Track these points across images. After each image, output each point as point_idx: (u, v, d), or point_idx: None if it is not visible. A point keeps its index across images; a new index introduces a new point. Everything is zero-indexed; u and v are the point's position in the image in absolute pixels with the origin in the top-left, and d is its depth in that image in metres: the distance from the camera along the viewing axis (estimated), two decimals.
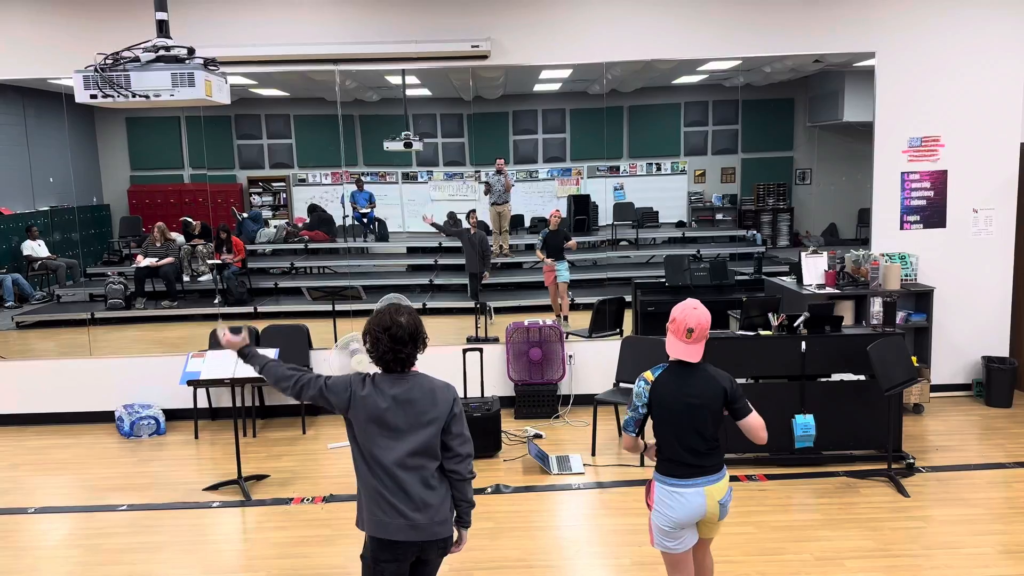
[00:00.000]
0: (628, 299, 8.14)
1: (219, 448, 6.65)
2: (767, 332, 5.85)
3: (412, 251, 11.52)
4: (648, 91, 10.55)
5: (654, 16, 7.04)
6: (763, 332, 5.85)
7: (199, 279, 10.07)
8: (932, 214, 7.28)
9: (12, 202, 9.24)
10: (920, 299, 7.14)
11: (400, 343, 3.04)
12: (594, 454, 6.21)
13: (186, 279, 10.00)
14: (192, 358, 5.72)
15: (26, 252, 9.37)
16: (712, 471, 3.36)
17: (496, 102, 10.81)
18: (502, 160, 10.35)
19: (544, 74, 9.32)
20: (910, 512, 5.09)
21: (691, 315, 3.31)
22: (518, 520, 5.14)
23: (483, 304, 8.63)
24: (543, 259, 8.94)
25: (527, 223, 11.30)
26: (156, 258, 9.63)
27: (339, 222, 11.31)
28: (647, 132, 11.09)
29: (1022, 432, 6.49)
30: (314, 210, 11.41)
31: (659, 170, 11.14)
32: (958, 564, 4.44)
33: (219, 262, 9.74)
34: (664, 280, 8.10)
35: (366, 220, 11.29)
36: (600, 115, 9.38)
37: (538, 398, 7.15)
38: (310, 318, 7.80)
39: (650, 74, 9.19)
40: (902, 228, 7.30)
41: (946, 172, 7.21)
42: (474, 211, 9.39)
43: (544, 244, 8.95)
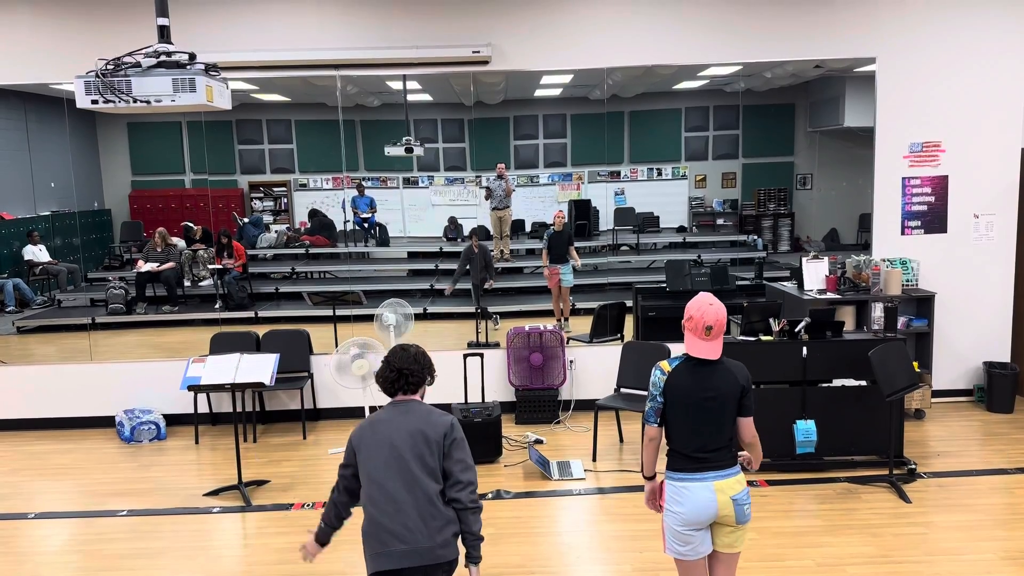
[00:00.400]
0: (629, 304, 8.14)
1: (219, 453, 6.64)
2: (768, 337, 5.85)
3: (413, 256, 11.52)
4: (649, 96, 10.56)
5: (655, 22, 7.06)
6: (764, 337, 5.85)
7: (200, 284, 10.07)
8: (933, 219, 7.28)
9: (13, 207, 9.25)
10: (921, 304, 7.13)
11: (391, 370, 3.23)
12: (595, 459, 6.21)
13: (187, 284, 10.01)
14: (193, 363, 5.72)
15: (27, 257, 9.37)
16: (723, 466, 3.28)
17: (497, 107, 10.82)
18: (503, 165, 10.36)
19: (545, 79, 9.33)
20: (912, 518, 5.08)
21: (708, 312, 3.27)
22: (519, 526, 5.13)
23: (484, 309, 8.63)
24: (546, 263, 8.95)
25: (528, 228, 11.30)
26: (157, 263, 9.63)
27: (340, 227, 11.31)
28: (648, 137, 11.09)
29: (1023, 438, 6.49)
30: (315, 215, 11.41)
31: (660, 175, 11.14)
32: (960, 570, 4.43)
33: (220, 267, 9.74)
34: (665, 285, 8.09)
35: (367, 225, 11.29)
36: (601, 120, 9.39)
37: (539, 403, 7.14)
38: (311, 323, 7.80)
39: (651, 79, 9.21)
40: (903, 233, 7.30)
41: (947, 177, 7.22)
42: (475, 232, 9.40)
43: (548, 246, 8.96)
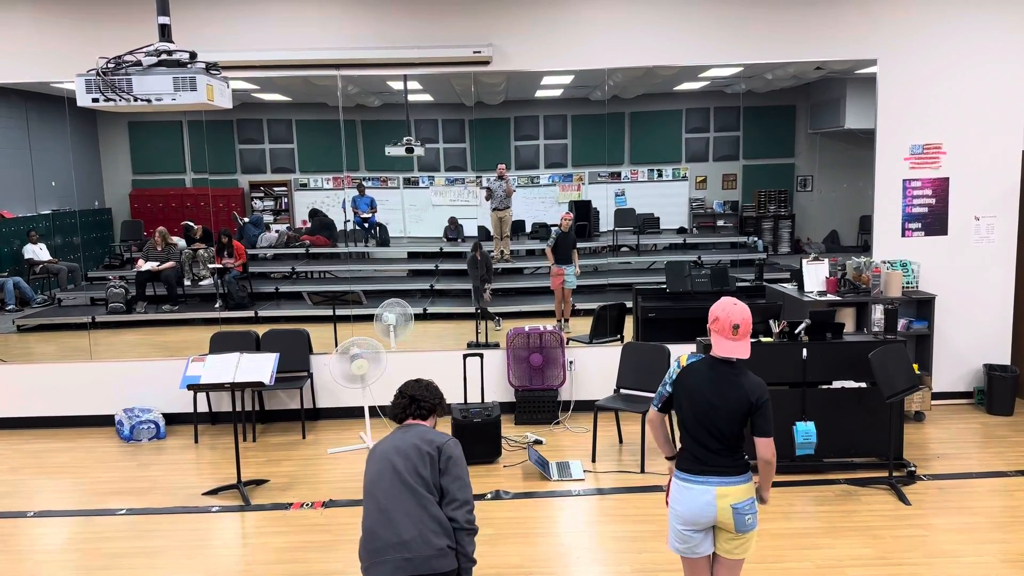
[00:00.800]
0: (629, 305, 8.13)
1: (219, 452, 6.64)
2: (768, 339, 5.84)
3: (413, 256, 11.52)
4: (649, 97, 10.55)
5: (656, 23, 7.06)
6: (764, 339, 5.84)
7: (200, 283, 10.07)
8: (934, 221, 7.28)
9: (14, 205, 9.25)
10: (921, 306, 7.13)
11: (403, 397, 3.45)
12: (594, 460, 6.20)
13: (187, 283, 10.00)
14: (192, 362, 5.72)
15: (27, 256, 9.37)
16: (729, 472, 3.26)
17: (498, 108, 10.81)
18: (503, 166, 10.36)
19: (546, 80, 9.33)
20: (911, 520, 5.07)
21: (734, 311, 3.28)
22: (518, 526, 5.12)
23: (484, 309, 8.63)
24: (552, 262, 8.96)
25: (528, 228, 11.29)
26: (157, 262, 9.63)
27: (340, 227, 11.31)
28: (648, 138, 11.08)
29: (1023, 440, 6.47)
30: (315, 215, 11.41)
31: (660, 176, 11.14)
32: (959, 573, 4.42)
33: (220, 266, 9.74)
34: (665, 286, 8.09)
35: (367, 225, 11.29)
36: (602, 121, 9.38)
37: (538, 404, 7.14)
38: (311, 323, 7.80)
39: (652, 80, 9.21)
40: (903, 235, 7.30)
41: (948, 179, 7.21)
42: (479, 244, 9.39)
43: (555, 246, 8.97)
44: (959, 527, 4.97)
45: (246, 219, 11.22)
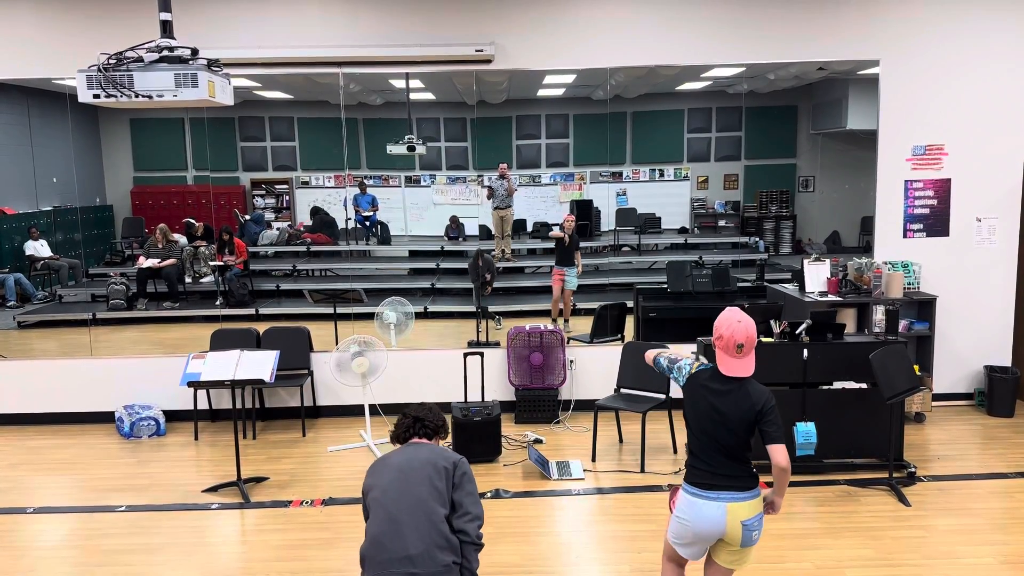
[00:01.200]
0: (630, 304, 8.13)
1: (219, 450, 6.64)
2: (769, 339, 5.84)
3: (414, 255, 11.52)
4: (651, 97, 10.55)
5: (658, 22, 7.05)
6: (765, 339, 5.84)
7: (201, 281, 10.07)
8: (935, 223, 7.27)
9: (15, 202, 9.25)
10: (923, 307, 7.12)
11: (407, 417, 3.49)
12: (594, 460, 6.20)
13: (188, 280, 10.01)
14: (193, 359, 5.72)
15: (28, 252, 9.38)
16: (739, 488, 3.24)
17: (500, 107, 10.81)
18: (505, 165, 10.35)
19: (548, 79, 9.33)
20: (911, 521, 5.07)
21: (739, 330, 3.24)
22: (517, 525, 5.12)
23: (485, 308, 8.63)
24: (557, 234, 8.97)
25: (529, 228, 11.29)
26: (158, 259, 9.63)
27: (342, 225, 11.31)
28: (650, 138, 11.08)
29: (1023, 442, 6.48)
30: (317, 213, 11.42)
31: (662, 176, 11.14)
32: (959, 574, 4.42)
33: (221, 264, 9.75)
34: (666, 286, 8.09)
35: (368, 223, 11.29)
36: (603, 120, 9.38)
37: (539, 403, 7.14)
38: (311, 320, 7.79)
39: (654, 80, 9.20)
40: (905, 236, 7.29)
41: (950, 181, 7.21)
42: (480, 252, 9.39)
43: (557, 247, 8.98)
44: (959, 528, 4.96)
45: (247, 216, 11.22)
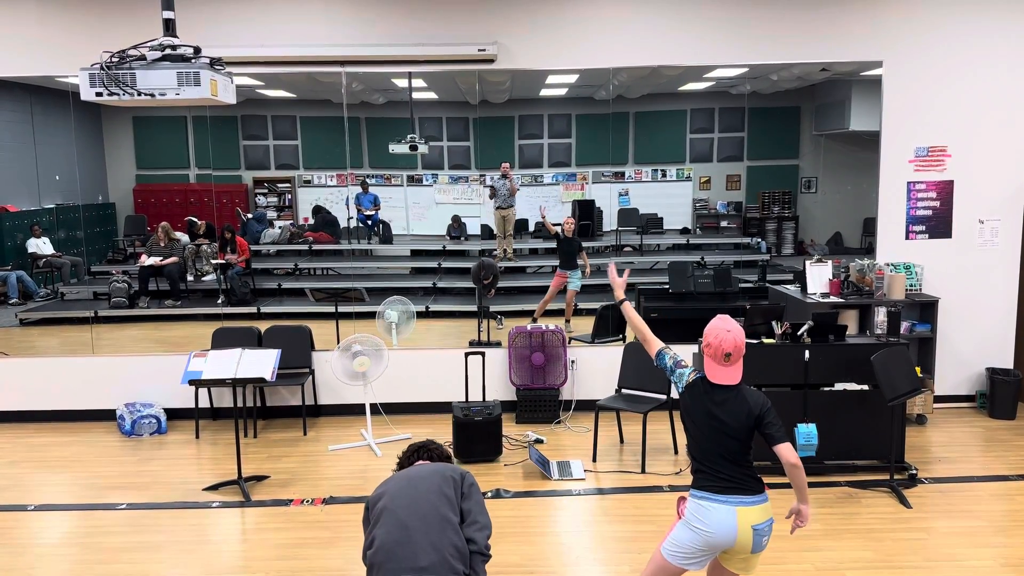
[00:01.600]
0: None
1: (220, 448, 6.64)
2: (770, 340, 5.83)
3: (416, 254, 11.52)
4: (654, 97, 10.54)
5: (661, 22, 7.04)
6: (767, 340, 5.83)
7: (203, 279, 10.08)
8: (938, 224, 7.26)
9: (18, 199, 9.26)
10: (925, 309, 7.11)
11: (414, 446, 3.50)
12: (595, 460, 6.20)
13: (190, 279, 10.02)
14: (194, 358, 5.72)
15: (31, 249, 9.40)
16: (748, 492, 3.23)
17: (502, 106, 10.82)
18: (507, 164, 10.35)
19: (550, 79, 9.33)
20: (912, 523, 5.06)
21: (727, 339, 3.25)
22: (518, 525, 5.12)
23: (486, 308, 8.63)
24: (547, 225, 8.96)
25: (531, 227, 11.29)
26: (160, 257, 9.64)
27: (343, 224, 11.32)
28: (653, 138, 11.08)
29: None
30: (319, 211, 11.42)
31: (664, 176, 11.14)
32: None
33: (223, 262, 9.75)
34: (668, 287, 8.08)
35: (370, 222, 11.29)
36: (606, 121, 9.39)
37: (540, 403, 7.13)
38: (313, 319, 7.80)
39: (656, 80, 9.20)
40: (907, 238, 7.28)
41: (952, 182, 7.19)
42: (483, 260, 9.39)
43: (557, 251, 8.97)
44: (960, 531, 4.96)
45: (249, 215, 11.24)
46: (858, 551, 4.69)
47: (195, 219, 10.48)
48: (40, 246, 9.43)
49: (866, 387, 5.74)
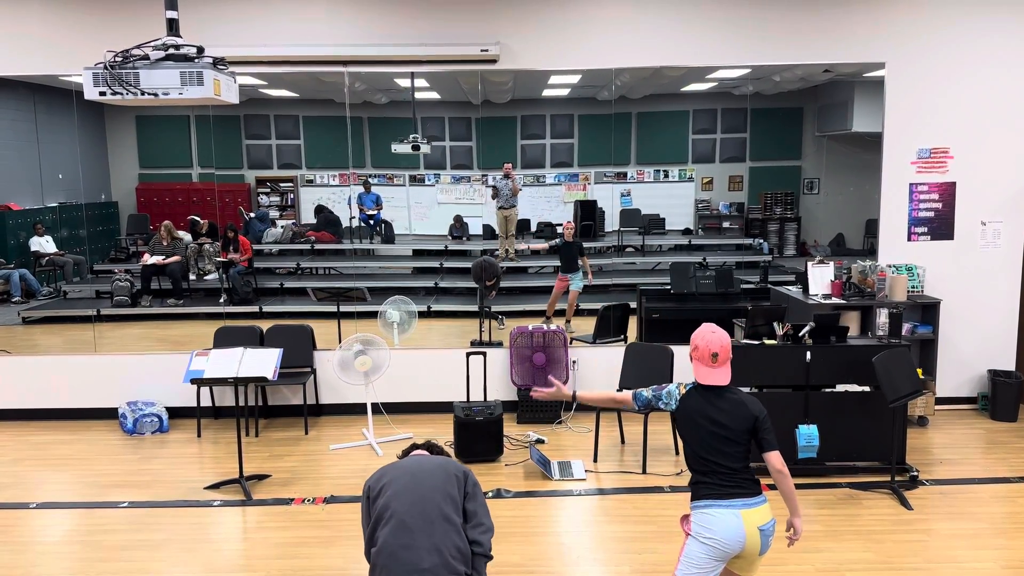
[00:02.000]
0: (633, 305, 8.13)
1: (221, 447, 6.65)
2: (772, 341, 5.83)
3: (418, 254, 11.53)
4: (656, 98, 10.54)
5: (664, 23, 7.05)
6: (768, 341, 5.84)
7: (205, 278, 10.09)
8: (940, 226, 7.25)
9: (21, 198, 9.28)
10: (926, 311, 7.11)
11: (415, 444, 3.51)
12: (596, 460, 6.20)
13: (192, 278, 10.03)
14: (196, 356, 5.73)
15: (33, 248, 9.41)
16: (749, 494, 3.25)
17: (504, 106, 10.81)
18: (510, 164, 10.35)
19: (553, 79, 9.33)
20: (913, 525, 5.06)
21: (712, 339, 3.34)
22: (518, 525, 5.12)
23: (488, 308, 8.63)
24: (538, 248, 8.96)
25: (533, 227, 11.29)
26: (163, 256, 9.65)
27: (346, 223, 11.32)
28: (655, 139, 11.07)
29: None
30: (321, 211, 11.43)
31: (666, 177, 11.13)
32: None
33: (225, 261, 9.76)
34: (670, 287, 8.07)
35: (372, 222, 11.30)
36: (608, 121, 9.38)
37: (541, 403, 7.13)
38: (315, 319, 7.81)
39: (659, 81, 9.20)
40: (909, 239, 7.28)
41: (954, 184, 7.19)
42: (484, 259, 9.40)
43: (558, 256, 8.98)
44: (961, 533, 4.96)
45: (252, 214, 11.24)
46: (859, 552, 4.69)
47: (198, 218, 10.49)
48: (43, 244, 9.44)
49: (867, 388, 5.74)
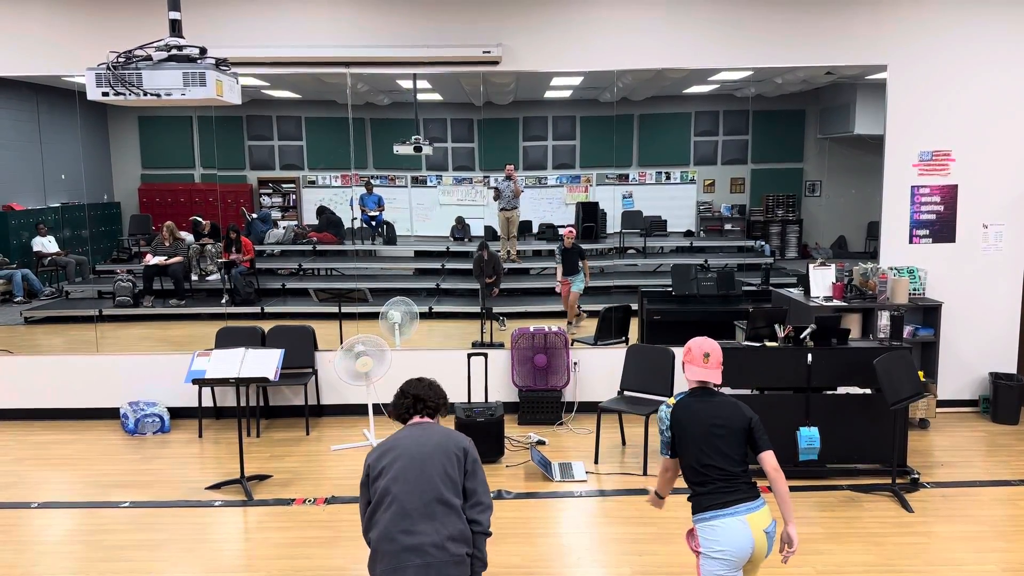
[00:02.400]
0: (634, 307, 8.13)
1: (222, 447, 6.66)
2: (773, 343, 5.83)
3: (420, 255, 11.54)
4: (659, 100, 10.54)
5: (666, 25, 7.05)
6: (769, 343, 5.83)
7: (207, 278, 10.11)
8: (941, 228, 7.25)
9: (24, 198, 9.29)
10: (928, 314, 7.11)
11: (407, 396, 3.36)
12: (597, 462, 6.20)
13: (194, 278, 10.04)
14: (198, 357, 5.74)
15: (36, 248, 9.42)
16: (750, 498, 3.27)
17: (507, 108, 10.82)
18: (512, 166, 10.36)
19: (555, 81, 9.33)
20: (914, 527, 5.06)
21: (704, 343, 3.49)
22: (519, 526, 5.13)
23: (489, 309, 8.64)
24: (560, 279, 9.04)
25: (535, 229, 11.30)
26: (165, 257, 9.66)
27: (348, 224, 11.34)
28: (657, 141, 11.08)
29: None
30: (323, 212, 11.44)
31: (668, 179, 11.13)
32: None
33: (227, 261, 9.78)
34: (671, 289, 8.07)
35: (375, 223, 11.31)
36: (610, 123, 9.39)
37: (542, 404, 7.14)
38: (316, 319, 7.81)
39: (661, 83, 9.20)
40: (911, 242, 7.28)
41: (956, 187, 7.19)
42: (486, 246, 9.44)
43: (560, 261, 9.05)
44: (962, 535, 4.95)
45: (254, 215, 11.26)
46: (860, 555, 4.69)
47: (200, 219, 10.50)
48: (45, 244, 9.46)
49: (869, 391, 5.74)
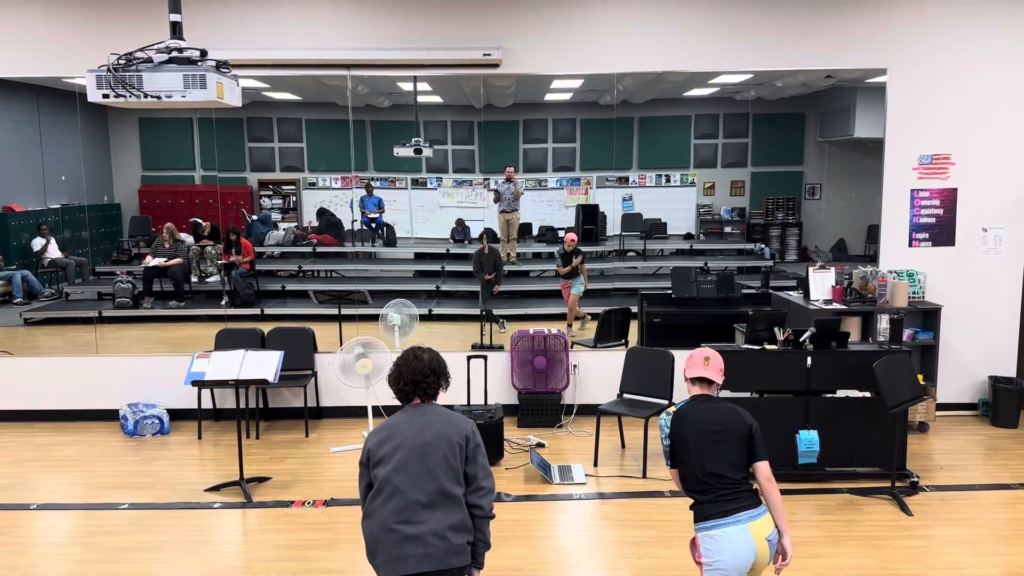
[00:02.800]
0: (634, 310, 8.13)
1: (222, 449, 6.66)
2: (773, 346, 5.83)
3: (420, 257, 11.54)
4: (659, 103, 10.56)
5: (666, 28, 7.06)
6: (769, 346, 5.84)
7: (207, 280, 10.11)
8: (941, 232, 7.26)
9: (24, 199, 9.30)
10: (927, 317, 7.11)
11: (406, 382, 3.21)
12: (596, 464, 6.20)
13: (194, 280, 10.04)
14: (197, 359, 5.73)
15: (36, 249, 9.43)
16: (750, 506, 3.26)
17: (507, 110, 10.83)
18: (512, 168, 10.37)
19: (555, 84, 9.34)
20: (913, 531, 5.06)
21: (704, 351, 3.52)
22: (518, 529, 5.12)
23: (489, 311, 8.64)
24: (561, 273, 9.08)
25: (535, 231, 11.31)
26: (165, 258, 9.66)
27: (348, 226, 11.34)
28: (657, 143, 11.09)
29: None
30: (323, 214, 11.45)
31: (668, 182, 11.14)
32: None
33: (227, 263, 9.78)
34: (671, 292, 8.07)
35: (375, 225, 11.31)
36: (610, 125, 9.39)
37: (541, 407, 7.14)
38: (316, 321, 7.81)
39: (661, 86, 9.21)
40: (911, 245, 7.28)
41: (956, 190, 7.19)
42: (484, 234, 9.48)
43: (561, 264, 9.10)
44: (961, 539, 4.95)
45: (254, 217, 11.26)
46: (859, 558, 4.69)
47: (200, 220, 10.51)
48: (49, 250, 9.46)
49: (868, 394, 5.74)
